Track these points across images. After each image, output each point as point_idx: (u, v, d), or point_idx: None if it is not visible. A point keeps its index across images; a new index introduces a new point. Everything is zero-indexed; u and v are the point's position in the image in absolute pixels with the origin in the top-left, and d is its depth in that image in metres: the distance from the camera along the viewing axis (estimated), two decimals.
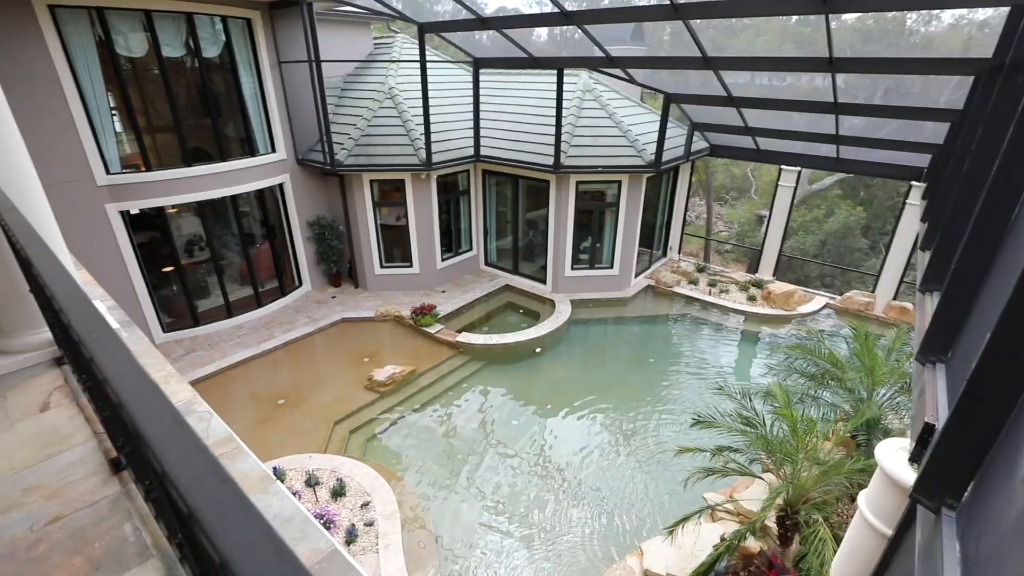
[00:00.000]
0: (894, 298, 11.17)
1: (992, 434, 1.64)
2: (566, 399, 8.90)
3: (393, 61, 12.16)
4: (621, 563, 5.72)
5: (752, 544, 5.39)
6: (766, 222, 13.38)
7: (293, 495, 2.56)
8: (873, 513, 2.96)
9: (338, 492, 6.34)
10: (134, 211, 9.10)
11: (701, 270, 13.39)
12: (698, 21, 7.29)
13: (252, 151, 10.30)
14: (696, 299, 12.08)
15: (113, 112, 8.71)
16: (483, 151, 11.62)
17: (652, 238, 13.44)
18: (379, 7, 9.67)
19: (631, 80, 10.35)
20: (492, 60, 10.97)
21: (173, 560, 1.67)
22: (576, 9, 8.07)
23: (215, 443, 2.33)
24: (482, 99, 11.52)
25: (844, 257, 20.12)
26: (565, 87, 10.28)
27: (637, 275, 12.59)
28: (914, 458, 2.58)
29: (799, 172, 12.10)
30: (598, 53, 9.07)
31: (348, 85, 12.19)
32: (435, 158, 10.70)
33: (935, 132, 8.44)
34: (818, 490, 5.21)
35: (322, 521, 5.78)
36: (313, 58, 9.72)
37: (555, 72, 10.15)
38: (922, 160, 9.71)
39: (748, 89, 10.11)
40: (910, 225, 10.35)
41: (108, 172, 8.64)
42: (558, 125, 10.28)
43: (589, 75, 12.06)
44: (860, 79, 8.60)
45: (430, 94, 10.36)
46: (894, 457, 2.80)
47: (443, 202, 11.78)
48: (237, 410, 8.24)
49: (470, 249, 12.95)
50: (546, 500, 6.81)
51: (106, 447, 2.18)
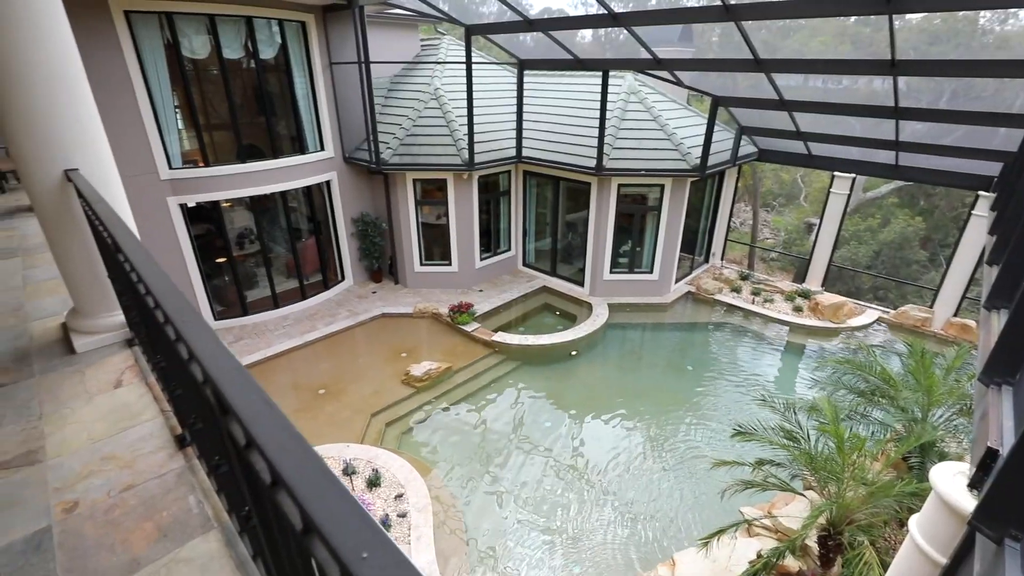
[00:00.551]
0: (954, 314, 10.53)
1: None
2: (600, 403, 8.84)
3: (439, 62, 12.37)
4: (652, 572, 5.64)
5: (791, 563, 5.21)
6: (816, 230, 12.87)
7: None
8: (926, 539, 2.82)
9: (373, 482, 6.51)
10: (191, 204, 9.62)
11: (744, 278, 13.01)
12: (750, 22, 7.10)
13: (302, 149, 10.69)
14: (738, 308, 11.75)
15: (176, 110, 9.24)
16: (525, 152, 11.67)
17: (694, 244, 13.16)
18: (427, 9, 9.86)
19: (678, 82, 10.17)
20: (537, 62, 11.00)
21: (232, 532, 1.77)
22: (624, 11, 8.01)
23: None
24: (525, 100, 11.56)
25: (900, 269, 19.13)
26: (609, 89, 10.20)
27: (677, 281, 12.35)
28: (974, 484, 2.45)
29: (853, 179, 11.58)
30: (645, 55, 8.96)
31: (395, 85, 12.48)
32: (477, 158, 10.83)
33: (1008, 138, 7.91)
34: (864, 511, 5.00)
35: None
36: (363, 59, 10.02)
37: (599, 74, 10.09)
38: (992, 168, 9.11)
39: (801, 92, 9.75)
40: (975, 237, 9.74)
41: (170, 167, 9.16)
42: (601, 127, 10.21)
43: (635, 77, 11.92)
44: (924, 82, 8.17)
45: (474, 95, 10.49)
46: (951, 482, 2.66)
47: (483, 202, 11.91)
48: (279, 398, 8.58)
49: (508, 249, 13.03)
50: (574, 502, 6.79)
51: (172, 424, 2.33)
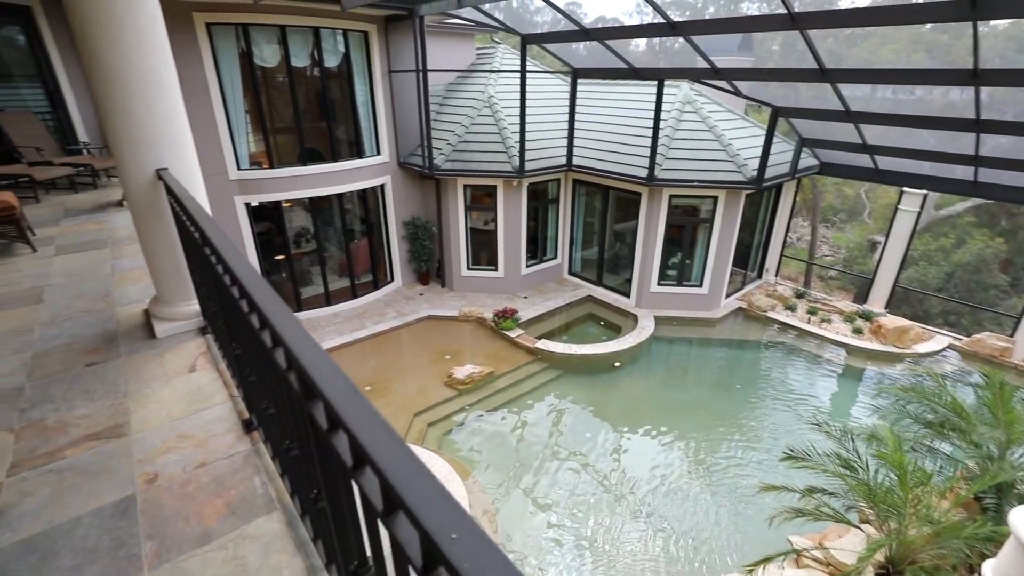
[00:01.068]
0: None
1: None
2: (642, 417, 8.67)
3: (493, 71, 12.58)
4: None
5: None
6: (880, 249, 12.17)
7: None
8: None
9: None
10: (255, 203, 10.18)
11: (800, 296, 12.45)
12: (817, 31, 6.85)
13: (360, 153, 11.11)
14: (792, 326, 11.25)
15: (246, 115, 9.83)
16: (575, 160, 11.67)
17: (747, 258, 12.73)
18: (484, 19, 10.08)
19: (736, 92, 9.91)
20: (591, 71, 11.01)
21: (294, 514, 1.87)
22: (682, 20, 7.90)
23: None
24: (576, 108, 11.58)
25: (975, 294, 17.76)
26: (664, 98, 10.06)
27: (728, 296, 11.97)
28: None
29: (925, 196, 10.89)
30: (702, 64, 8.80)
31: (449, 93, 12.78)
32: (528, 166, 10.92)
33: None
34: (929, 552, 4.67)
35: None
36: (421, 68, 10.33)
37: (653, 83, 9.97)
38: None
39: (869, 103, 9.29)
40: None
41: (238, 168, 9.74)
42: (654, 137, 10.08)
43: (690, 86, 11.71)
44: (1011, 92, 7.61)
45: (527, 103, 10.59)
46: None
47: (532, 209, 11.98)
48: None
49: (555, 257, 13.03)
50: (608, 514, 6.69)
51: (239, 409, 2.48)
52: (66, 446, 2.25)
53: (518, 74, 10.43)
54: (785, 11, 6.22)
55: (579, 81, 11.44)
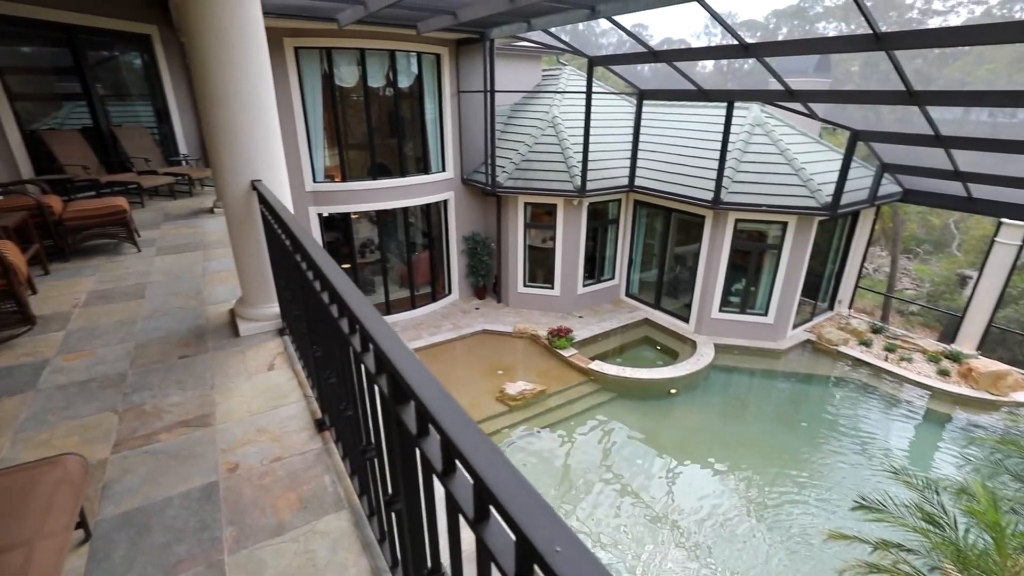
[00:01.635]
0: None
1: None
2: (697, 448, 8.32)
3: (558, 92, 12.75)
4: None
5: None
6: (972, 284, 11.16)
7: None
8: None
9: None
10: (325, 214, 10.76)
11: (877, 331, 11.59)
12: (904, 51, 6.47)
13: (426, 169, 11.54)
14: (867, 363, 10.46)
15: (323, 131, 10.46)
16: (638, 181, 11.55)
17: (818, 288, 12.03)
18: (552, 41, 10.28)
19: (812, 115, 9.51)
20: (658, 92, 10.92)
21: (361, 515, 1.93)
22: (755, 41, 7.71)
23: None
24: (640, 129, 11.49)
25: None
26: (732, 119, 9.80)
27: (795, 327, 11.33)
28: None
29: None
30: (775, 85, 8.52)
31: (514, 113, 13.05)
32: (589, 185, 10.92)
33: None
34: None
35: None
36: (488, 88, 10.64)
37: (719, 103, 9.75)
38: None
39: (961, 126, 8.63)
40: None
41: (314, 180, 10.36)
42: (722, 159, 9.82)
43: (761, 108, 11.35)
44: None
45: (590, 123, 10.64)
46: None
47: (591, 229, 11.94)
48: None
49: (612, 278, 12.87)
50: (655, 547, 6.44)
51: (312, 408, 2.61)
52: (160, 430, 2.45)
53: (582, 95, 10.52)
54: (870, 31, 5.94)
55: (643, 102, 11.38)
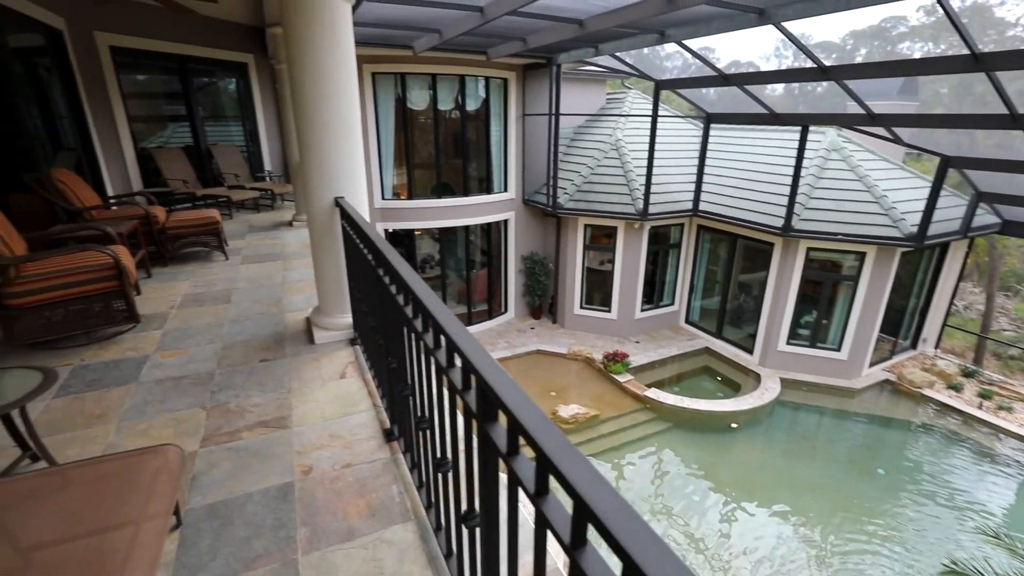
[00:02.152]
0: None
1: None
2: (758, 488, 7.84)
3: (623, 115, 12.73)
4: None
5: None
6: None
7: None
8: None
9: None
10: (391, 230, 11.20)
11: (969, 375, 10.55)
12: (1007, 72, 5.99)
13: (488, 189, 11.80)
14: (956, 409, 9.51)
15: (393, 151, 10.97)
16: (702, 206, 11.26)
17: (899, 324, 11.13)
18: (618, 65, 10.32)
19: (896, 140, 8.96)
20: (727, 116, 10.67)
21: (427, 528, 1.96)
22: (833, 64, 7.40)
23: None
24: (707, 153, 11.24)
25: None
26: (807, 144, 9.39)
27: (872, 365, 10.52)
28: None
29: None
30: (853, 109, 8.12)
31: (577, 135, 13.14)
32: (652, 209, 10.76)
33: None
34: None
35: None
36: (553, 112, 10.81)
37: (790, 127, 9.37)
38: None
39: None
40: None
41: (383, 198, 10.85)
42: (794, 185, 9.41)
43: (838, 132, 10.81)
44: None
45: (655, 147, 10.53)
46: None
47: (651, 252, 11.71)
48: None
49: (671, 304, 12.52)
50: None
51: (381, 418, 2.69)
52: (242, 429, 2.61)
53: (647, 118, 10.46)
54: (968, 51, 5.56)
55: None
